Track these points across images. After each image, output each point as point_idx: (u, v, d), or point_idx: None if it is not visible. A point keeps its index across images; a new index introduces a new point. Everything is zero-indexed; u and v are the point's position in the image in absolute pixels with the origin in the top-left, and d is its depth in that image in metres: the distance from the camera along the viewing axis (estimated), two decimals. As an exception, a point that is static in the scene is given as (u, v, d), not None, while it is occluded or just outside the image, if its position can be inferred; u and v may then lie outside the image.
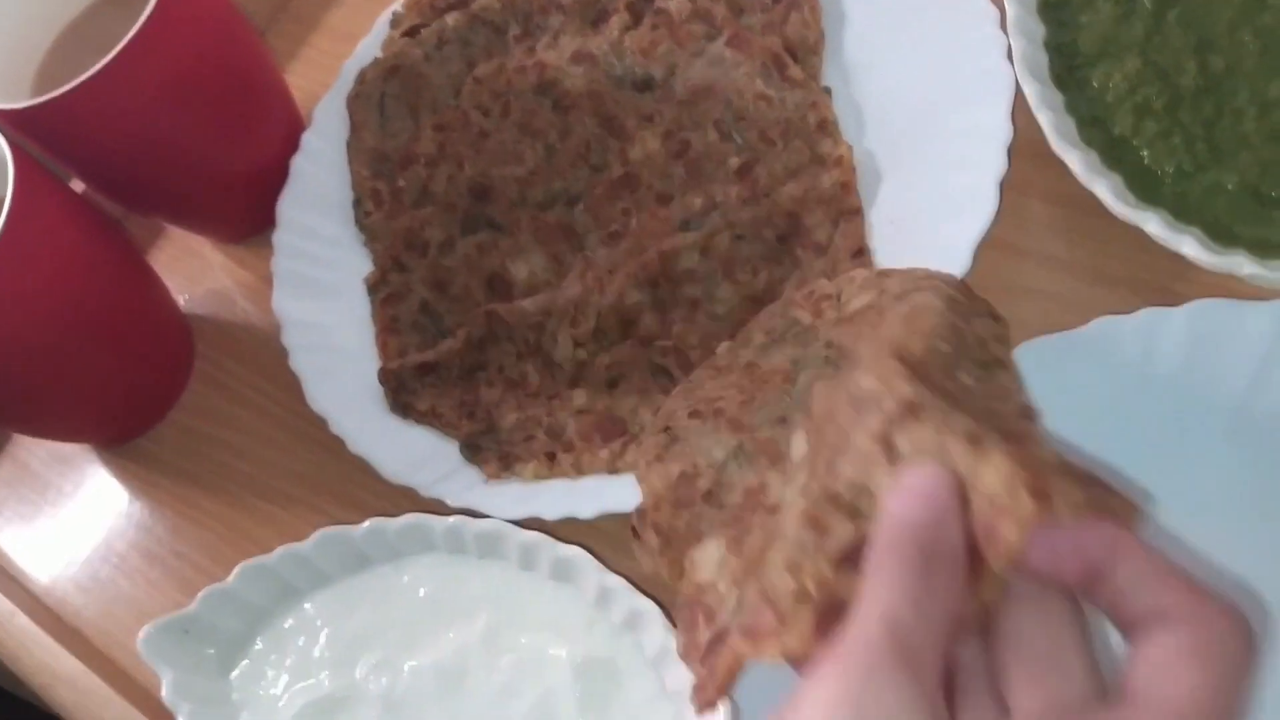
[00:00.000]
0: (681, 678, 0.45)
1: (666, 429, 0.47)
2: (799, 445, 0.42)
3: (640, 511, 0.45)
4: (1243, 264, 0.45)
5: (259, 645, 0.52)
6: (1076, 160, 0.49)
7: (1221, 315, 0.46)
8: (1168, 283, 0.50)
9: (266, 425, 0.62)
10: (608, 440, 0.53)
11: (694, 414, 0.46)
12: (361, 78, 0.66)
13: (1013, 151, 0.51)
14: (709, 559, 0.42)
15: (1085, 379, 0.47)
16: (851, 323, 0.45)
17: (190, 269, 0.70)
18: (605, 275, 0.57)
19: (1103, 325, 0.47)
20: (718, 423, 0.46)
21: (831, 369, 0.44)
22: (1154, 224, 0.47)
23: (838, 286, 0.48)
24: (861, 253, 0.54)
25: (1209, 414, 0.46)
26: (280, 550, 0.52)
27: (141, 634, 0.52)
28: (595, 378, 0.56)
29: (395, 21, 0.68)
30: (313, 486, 0.59)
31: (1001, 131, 0.52)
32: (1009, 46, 0.52)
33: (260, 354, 0.64)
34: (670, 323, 0.56)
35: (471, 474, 0.55)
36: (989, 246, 0.51)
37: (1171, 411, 0.46)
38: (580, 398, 0.56)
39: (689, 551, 0.43)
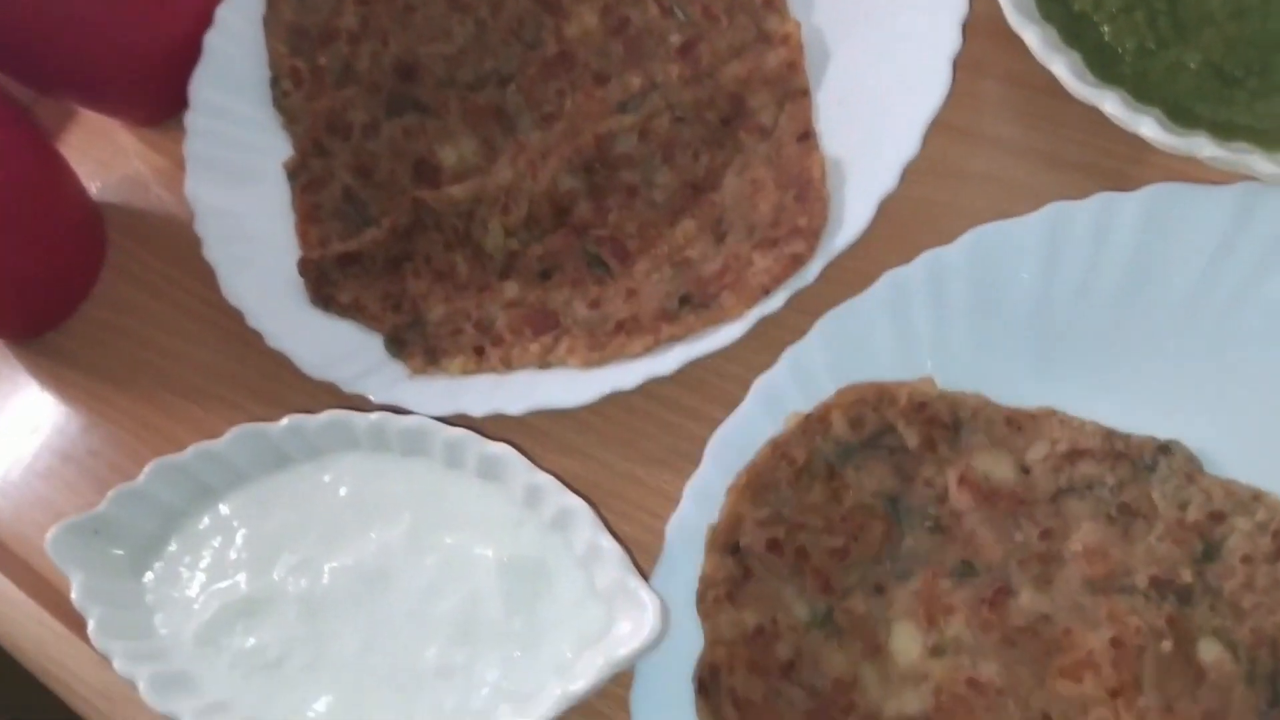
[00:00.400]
0: (613, 578, 0.43)
1: (736, 551, 0.43)
2: (907, 645, 0.41)
3: (713, 669, 0.42)
4: (1203, 145, 0.43)
5: (173, 547, 0.50)
6: (1034, 36, 0.46)
7: (1178, 199, 0.43)
8: (1124, 167, 0.48)
9: (183, 318, 0.59)
10: (539, 334, 0.51)
11: (773, 545, 0.43)
12: (279, -54, 0.61)
13: (968, 28, 0.49)
14: None
15: (1037, 265, 0.45)
16: (990, 506, 0.42)
17: (102, 154, 0.66)
18: (538, 160, 0.54)
19: (1055, 210, 0.45)
20: (801, 568, 0.43)
21: (940, 538, 0.42)
22: (1112, 103, 0.44)
23: (952, 413, 0.44)
24: (807, 136, 0.51)
25: (1162, 300, 0.44)
26: (194, 448, 0.49)
27: (49, 535, 0.49)
28: (527, 268, 0.53)
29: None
30: (231, 382, 0.56)
31: (956, 6, 0.49)
32: (966, -86, 0.49)
33: (176, 243, 0.61)
34: (606, 210, 0.53)
35: (396, 369, 0.52)
36: (940, 129, 0.48)
37: (1124, 297, 0.44)
38: (511, 289, 0.53)
39: None
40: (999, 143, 0.51)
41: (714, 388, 0.50)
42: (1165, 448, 0.42)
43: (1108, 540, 0.41)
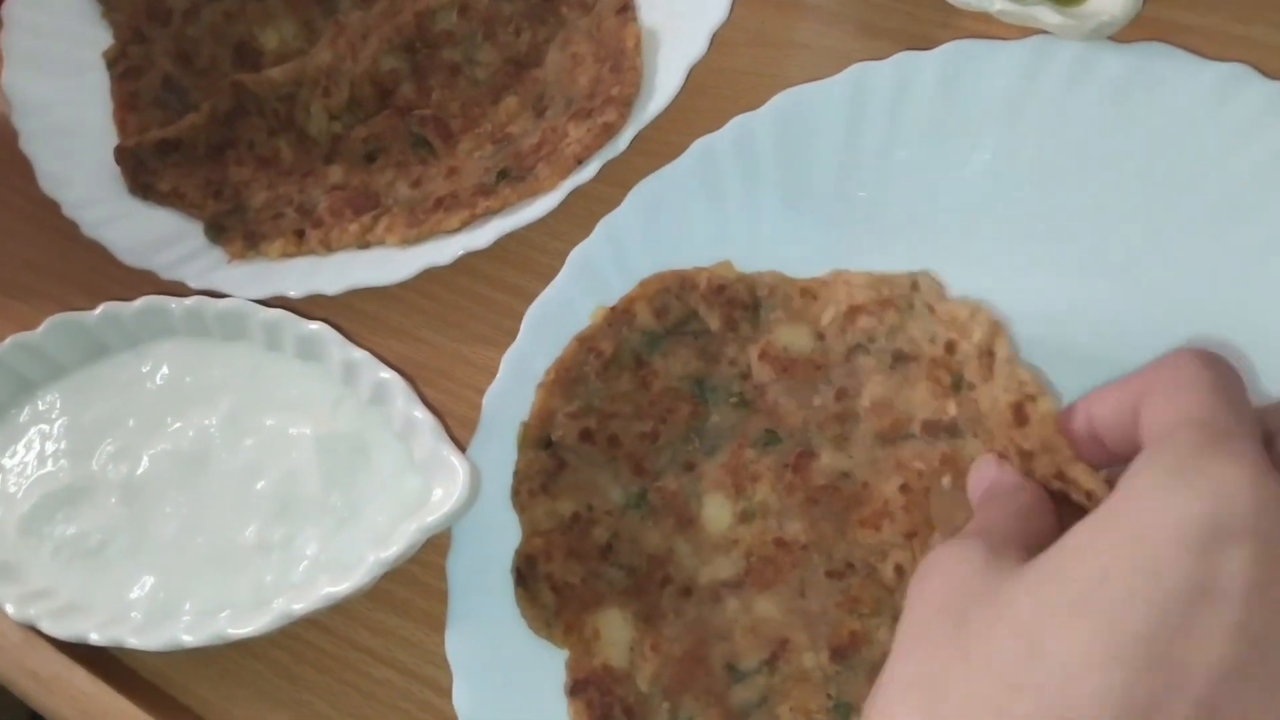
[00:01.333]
0: (428, 448, 0.43)
1: (550, 445, 0.43)
2: (717, 515, 0.42)
3: (529, 558, 0.42)
4: (994, 1, 0.43)
5: (-7, 441, 0.49)
6: (837, -103, 0.46)
7: (972, 55, 0.44)
8: (933, 32, 0.49)
9: (4, 215, 0.57)
10: (359, 214, 0.50)
11: (585, 435, 0.43)
12: None
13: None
14: (615, 635, 0.41)
15: (841, 125, 0.45)
16: (790, 376, 0.43)
17: (-77, 53, 0.63)
18: (358, 40, 0.53)
19: (858, 71, 0.45)
20: (614, 455, 0.43)
21: (745, 411, 0.43)
22: (911, -39, 0.45)
23: (751, 293, 0.44)
24: (626, 8, 0.51)
25: (965, 153, 0.45)
26: (9, 340, 0.48)
27: None
28: (351, 151, 0.53)
29: None
30: (55, 278, 0.55)
31: None
32: None
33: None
34: (429, 90, 0.53)
35: (215, 255, 0.51)
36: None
37: (924, 162, 0.45)
38: (336, 173, 0.53)
39: (586, 616, 0.41)
40: (814, 11, 0.51)
41: (537, 264, 0.50)
42: (915, 284, 0.42)
43: (889, 391, 0.41)
